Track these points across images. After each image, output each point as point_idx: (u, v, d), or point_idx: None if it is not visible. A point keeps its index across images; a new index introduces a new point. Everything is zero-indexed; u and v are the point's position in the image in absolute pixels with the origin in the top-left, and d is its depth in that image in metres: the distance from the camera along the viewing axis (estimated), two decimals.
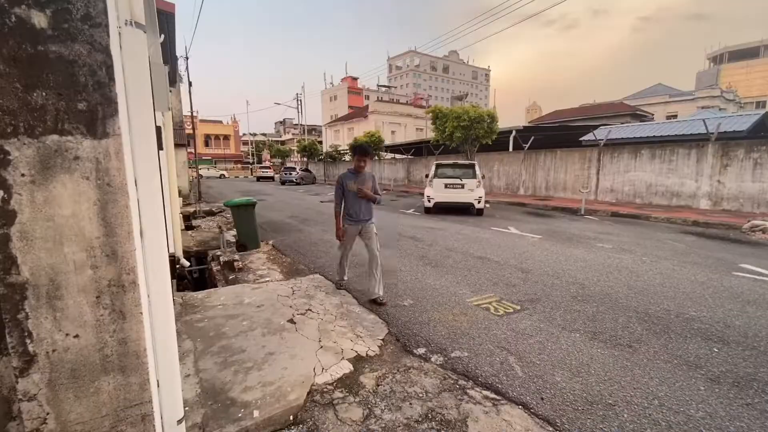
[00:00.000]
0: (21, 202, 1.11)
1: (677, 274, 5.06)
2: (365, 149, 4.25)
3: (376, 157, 27.26)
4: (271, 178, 37.68)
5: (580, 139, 17.83)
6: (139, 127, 1.33)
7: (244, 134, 70.97)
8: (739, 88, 52.13)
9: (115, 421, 1.36)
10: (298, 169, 32.47)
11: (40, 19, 1.09)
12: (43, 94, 1.10)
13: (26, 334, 1.19)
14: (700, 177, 11.98)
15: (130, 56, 1.27)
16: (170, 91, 5.10)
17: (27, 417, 1.25)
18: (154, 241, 1.46)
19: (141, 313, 1.34)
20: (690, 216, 10.07)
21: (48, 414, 1.27)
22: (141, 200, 1.38)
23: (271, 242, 7.39)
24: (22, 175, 1.11)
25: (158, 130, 2.47)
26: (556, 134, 20.17)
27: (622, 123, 23.37)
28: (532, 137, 17.39)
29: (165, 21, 4.62)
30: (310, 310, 3.81)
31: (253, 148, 67.15)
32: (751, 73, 61.81)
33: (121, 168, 1.22)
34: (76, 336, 1.25)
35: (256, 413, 2.20)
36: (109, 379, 1.32)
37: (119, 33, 1.24)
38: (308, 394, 2.41)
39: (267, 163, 49.13)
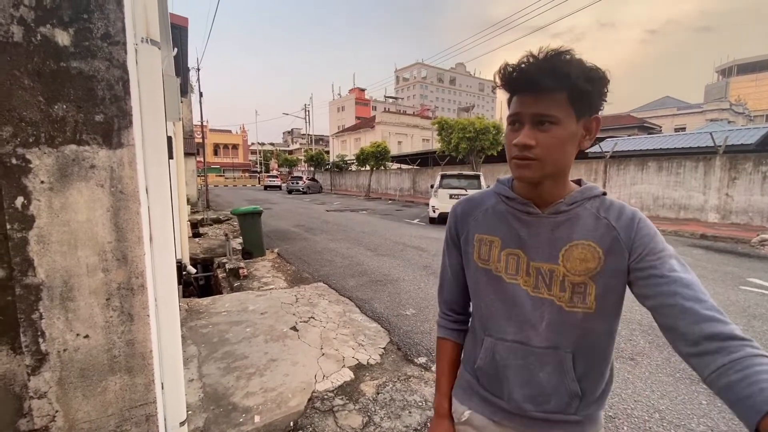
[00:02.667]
0: (39, 207, 1.18)
1: None
2: (555, 63, 0.71)
3: (382, 167, 27.39)
4: (279, 187, 38.01)
5: (586, 150, 17.82)
6: (151, 137, 1.40)
7: (252, 143, 71.89)
8: (748, 101, 51.92)
9: (121, 421, 1.41)
10: (305, 179, 32.77)
11: (63, 38, 1.17)
12: (64, 106, 1.18)
13: (39, 333, 1.25)
14: (708, 190, 11.89)
15: (145, 71, 1.35)
16: (181, 102, 5.25)
17: (37, 414, 1.30)
18: (163, 246, 1.52)
19: (148, 315, 1.39)
20: (698, 229, 9.98)
21: (57, 412, 1.32)
22: (151, 207, 1.44)
23: (276, 250, 7.46)
24: (42, 182, 1.18)
25: (169, 140, 2.56)
26: None
27: (629, 135, 23.33)
28: None
29: (178, 35, 4.78)
30: (313, 318, 3.85)
31: (261, 157, 67.90)
32: (760, 86, 61.52)
33: (133, 176, 1.28)
34: (86, 336, 1.31)
35: (257, 418, 2.23)
36: (116, 379, 1.37)
37: (136, 50, 1.32)
38: (309, 400, 2.43)
39: (274, 172, 49.63)
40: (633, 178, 13.83)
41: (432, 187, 12.04)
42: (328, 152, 50.45)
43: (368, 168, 27.85)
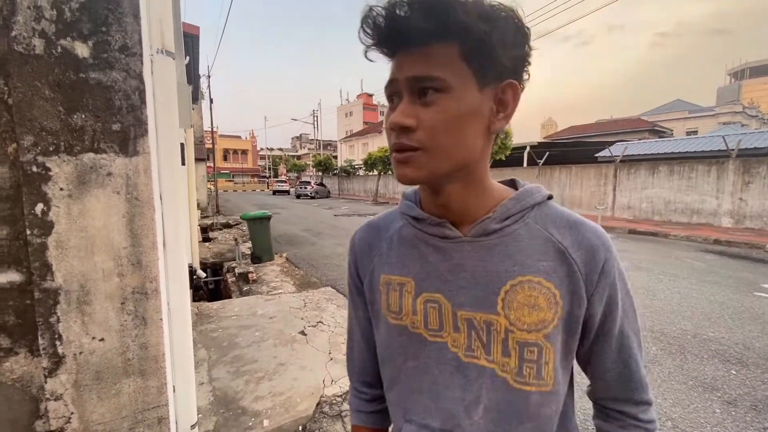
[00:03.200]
0: (58, 213, 1.22)
1: (695, 294, 4.94)
2: None
3: (390, 172, 27.40)
4: (287, 192, 38.32)
5: (596, 155, 17.69)
6: (165, 145, 1.44)
7: (261, 149, 72.62)
8: (761, 104, 51.05)
9: (134, 423, 1.43)
10: (313, 183, 32.96)
11: (82, 50, 1.21)
12: (83, 116, 1.22)
13: (57, 336, 1.28)
14: (721, 194, 11.69)
15: (160, 81, 1.39)
16: (192, 109, 5.35)
17: (53, 416, 1.33)
18: (175, 252, 1.55)
19: (161, 319, 1.42)
20: (711, 234, 9.81)
21: (72, 413, 1.35)
22: (165, 213, 1.47)
23: (284, 255, 7.51)
24: (61, 189, 1.22)
25: (181, 146, 2.62)
26: (571, 150, 20.06)
27: (640, 139, 23.11)
28: (547, 153, 17.32)
29: (190, 43, 4.88)
30: (321, 323, 3.86)
31: (270, 162, 68.52)
32: None
33: (148, 183, 1.32)
34: (102, 339, 1.34)
35: (266, 422, 2.25)
36: (129, 382, 1.40)
37: (151, 60, 1.36)
38: (317, 405, 2.44)
39: (283, 177, 50.07)
40: (644, 182, 13.66)
41: None
42: (336, 157, 50.72)
43: (376, 173, 27.92)
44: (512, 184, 0.63)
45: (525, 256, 0.54)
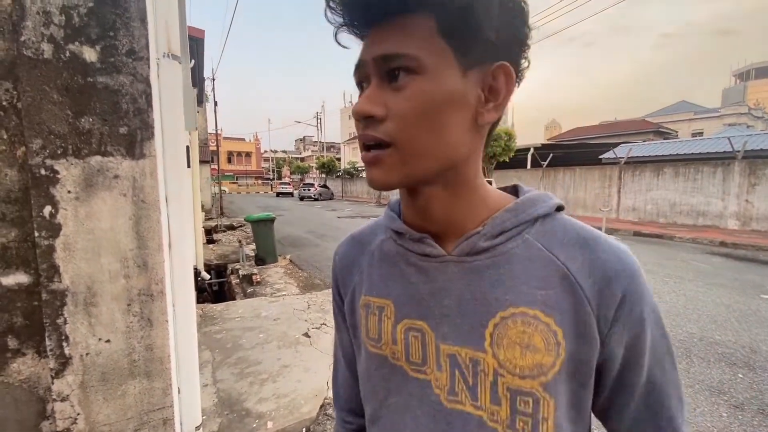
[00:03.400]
0: (66, 216, 1.23)
1: (701, 297, 4.90)
2: None
3: None
4: (291, 194, 38.46)
5: (600, 156, 17.62)
6: (171, 148, 1.45)
7: (265, 151, 72.92)
8: (767, 105, 50.66)
9: (139, 424, 1.44)
10: (316, 185, 33.04)
11: (90, 54, 1.23)
12: (90, 119, 1.23)
13: (63, 337, 1.29)
14: (727, 196, 11.60)
15: (167, 85, 1.40)
16: (197, 111, 5.39)
17: (59, 416, 1.34)
18: (181, 254, 1.56)
19: (167, 321, 1.43)
20: (717, 236, 9.74)
21: (78, 414, 1.36)
22: (170, 216, 1.49)
23: (288, 256, 7.53)
24: (68, 192, 1.23)
25: (186, 149, 2.63)
26: (575, 152, 20.00)
27: (644, 140, 23.01)
28: (551, 155, 17.28)
29: (195, 46, 4.92)
30: (325, 325, 3.87)
31: (273, 164, 68.80)
32: None
33: (154, 186, 1.33)
34: (108, 341, 1.35)
35: (269, 424, 2.25)
36: (135, 383, 1.41)
37: (158, 64, 1.38)
38: (321, 407, 2.44)
39: (287, 180, 50.24)
40: (649, 184, 13.59)
41: None
42: (339, 159, 50.84)
43: None
44: (514, 191, 0.53)
45: (520, 283, 0.44)
